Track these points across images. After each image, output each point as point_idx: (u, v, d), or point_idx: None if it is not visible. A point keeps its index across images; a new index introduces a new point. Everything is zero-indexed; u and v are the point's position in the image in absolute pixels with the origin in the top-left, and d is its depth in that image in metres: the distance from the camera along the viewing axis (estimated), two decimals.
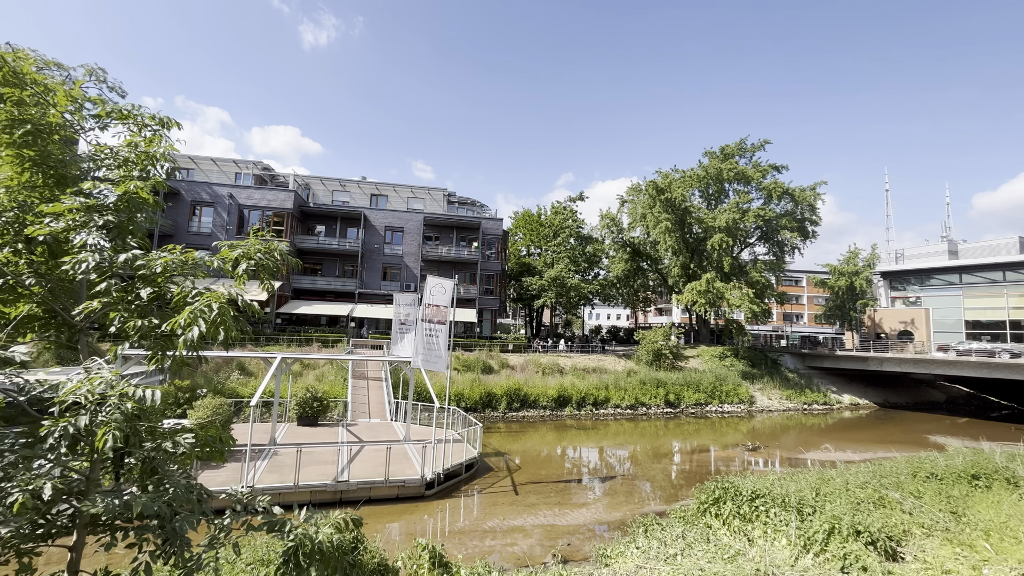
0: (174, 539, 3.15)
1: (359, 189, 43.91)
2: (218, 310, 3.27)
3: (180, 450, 3.50)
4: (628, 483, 17.95)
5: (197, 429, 3.66)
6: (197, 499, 3.41)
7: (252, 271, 3.87)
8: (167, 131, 4.11)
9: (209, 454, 3.70)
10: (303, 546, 3.18)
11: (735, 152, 45.66)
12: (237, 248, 3.85)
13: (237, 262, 3.82)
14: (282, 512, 3.46)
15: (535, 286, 42.67)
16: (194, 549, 3.26)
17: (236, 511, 3.41)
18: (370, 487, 13.90)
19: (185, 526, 3.14)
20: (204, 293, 3.37)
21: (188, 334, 3.12)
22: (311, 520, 3.41)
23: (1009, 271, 44.07)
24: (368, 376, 27.40)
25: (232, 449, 4.05)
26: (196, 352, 3.50)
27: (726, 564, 8.10)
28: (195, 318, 3.12)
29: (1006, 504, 10.55)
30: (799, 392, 37.21)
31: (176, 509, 3.26)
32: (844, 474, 12.54)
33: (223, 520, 3.35)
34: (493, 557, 11.03)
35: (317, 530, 3.30)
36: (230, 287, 3.52)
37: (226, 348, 3.55)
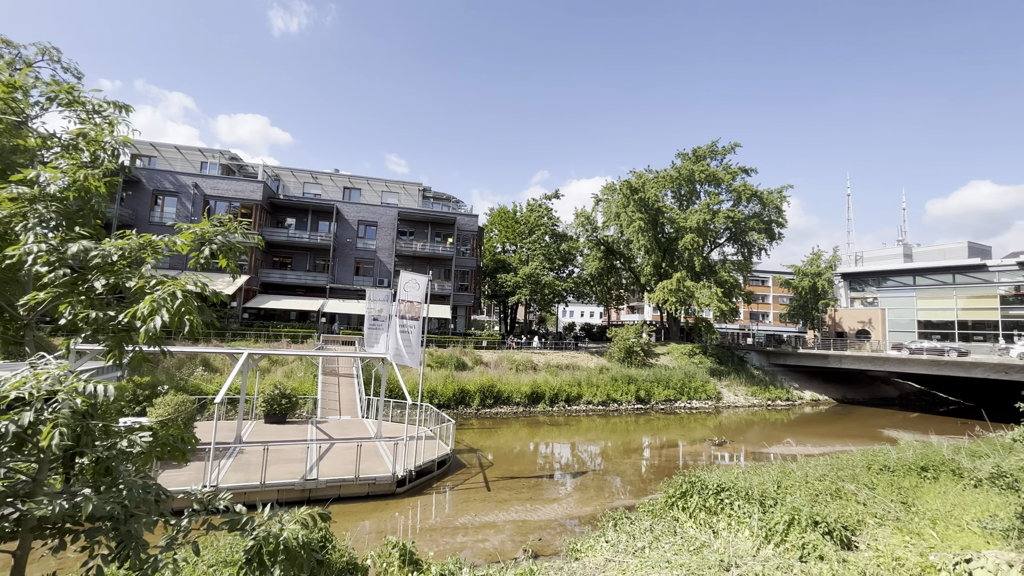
0: (129, 541, 3.02)
1: (331, 182, 42.99)
2: (182, 298, 3.13)
3: (137, 449, 3.35)
4: (599, 478, 18.21)
5: (156, 427, 3.52)
6: (155, 500, 3.27)
7: (214, 255, 3.70)
8: (125, 114, 3.89)
9: (169, 453, 3.56)
10: (267, 544, 3.09)
11: (707, 154, 46.71)
12: (196, 228, 3.67)
13: (201, 243, 3.65)
14: (245, 511, 3.36)
15: (510, 283, 42.72)
16: (151, 551, 3.13)
17: (195, 511, 3.29)
18: (340, 485, 13.67)
19: (141, 528, 3.01)
20: (166, 281, 3.21)
21: (150, 324, 2.97)
22: (276, 517, 3.32)
23: (958, 274, 46.64)
24: (339, 372, 26.93)
25: (195, 448, 3.91)
26: (159, 346, 3.35)
27: (692, 556, 8.32)
28: (157, 307, 2.98)
29: (951, 494, 11.18)
30: (764, 388, 38.47)
31: (132, 510, 3.13)
32: (804, 467, 13.03)
33: (181, 520, 3.23)
34: (464, 554, 11.02)
35: (282, 528, 3.21)
36: (195, 277, 3.37)
37: (193, 341, 3.42)
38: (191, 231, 3.67)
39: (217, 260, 3.78)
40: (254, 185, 35.15)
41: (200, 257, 3.65)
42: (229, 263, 3.94)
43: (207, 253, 3.61)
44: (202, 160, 39.03)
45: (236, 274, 4.18)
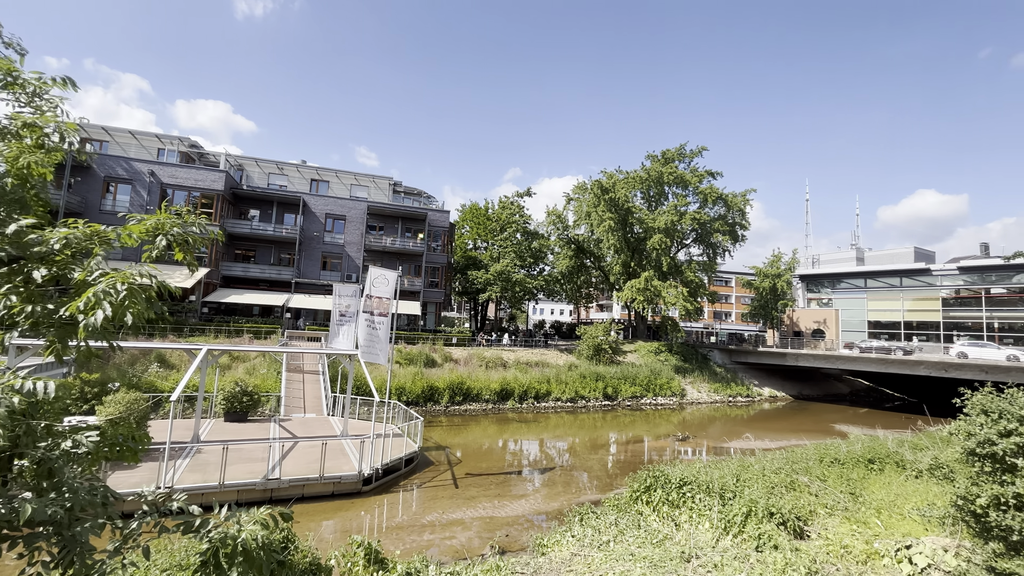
0: (73, 546, 2.85)
1: (298, 173, 41.77)
2: (127, 291, 2.96)
3: (83, 450, 3.16)
4: (566, 474, 18.42)
5: (105, 427, 3.33)
6: (102, 502, 3.10)
7: (170, 246, 3.51)
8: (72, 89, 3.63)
9: (120, 454, 3.38)
10: (223, 547, 2.98)
11: (675, 157, 47.75)
12: (150, 220, 3.48)
13: (156, 235, 3.46)
14: (201, 512, 3.23)
15: (481, 280, 42.62)
16: (97, 556, 2.97)
17: (146, 512, 3.14)
18: (303, 484, 13.36)
19: (86, 532, 2.85)
20: (110, 273, 3.03)
21: (91, 319, 2.79)
22: (234, 518, 3.20)
23: (905, 278, 49.41)
24: (304, 369, 26.25)
25: (149, 448, 3.73)
26: (106, 341, 3.16)
27: (654, 548, 8.53)
28: (98, 300, 2.80)
29: (895, 485, 11.86)
30: (725, 385, 39.76)
31: (76, 514, 2.96)
32: (761, 461, 13.54)
33: (131, 523, 3.07)
34: (431, 551, 10.95)
35: (240, 529, 3.10)
36: (145, 268, 3.19)
37: (147, 336, 3.25)
38: (145, 222, 3.49)
39: (173, 253, 3.60)
40: (216, 174, 33.80)
41: (155, 250, 3.47)
42: (186, 256, 3.77)
43: (163, 245, 3.43)
44: (159, 147, 37.21)
45: (194, 267, 4.00)
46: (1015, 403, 5.34)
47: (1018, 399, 5.42)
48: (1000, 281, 43.62)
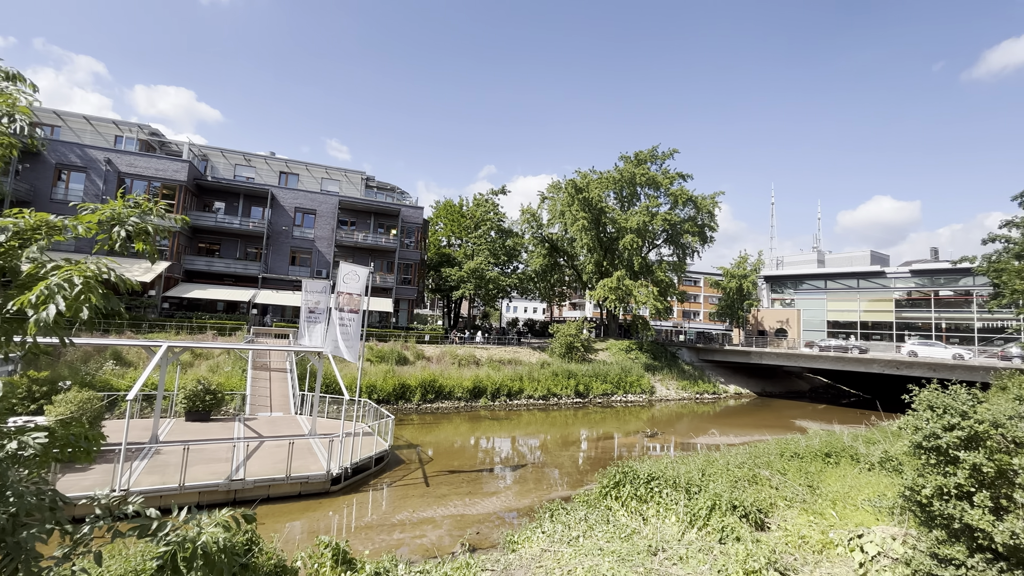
0: (18, 553, 2.71)
1: (266, 165, 40.55)
2: (82, 285, 2.81)
3: (29, 451, 3.00)
4: (538, 471, 18.55)
5: (55, 427, 3.17)
6: (50, 507, 2.95)
7: (129, 237, 3.34)
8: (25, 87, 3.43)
9: (72, 454, 3.22)
10: (182, 550, 2.87)
11: (647, 158, 48.57)
12: (106, 209, 3.31)
13: (112, 225, 3.29)
14: (158, 515, 3.11)
15: (454, 277, 42.40)
16: (44, 563, 2.83)
17: (99, 516, 3.00)
18: (269, 485, 13.02)
19: (32, 538, 2.70)
20: (63, 266, 2.88)
21: (42, 314, 2.64)
22: (193, 521, 3.09)
23: (862, 279, 51.74)
24: (271, 367, 25.57)
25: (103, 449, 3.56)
26: (57, 337, 3.00)
27: (623, 542, 8.69)
28: (51, 294, 2.66)
29: (849, 477, 12.42)
30: (693, 383, 40.78)
31: (22, 519, 2.80)
32: (726, 456, 13.96)
33: (82, 528, 2.93)
34: (401, 550, 10.87)
35: (200, 531, 2.99)
36: (100, 261, 3.03)
37: (102, 332, 3.09)
38: (101, 211, 3.32)
39: (133, 244, 3.44)
40: (178, 164, 32.47)
41: (111, 241, 3.30)
42: (146, 247, 3.61)
43: (121, 235, 3.26)
44: (117, 134, 35.48)
45: (154, 259, 3.84)
46: (958, 399, 5.67)
47: (960, 395, 5.76)
48: (948, 284, 46.19)
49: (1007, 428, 5.50)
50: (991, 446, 5.40)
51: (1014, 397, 6.18)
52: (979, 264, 32.28)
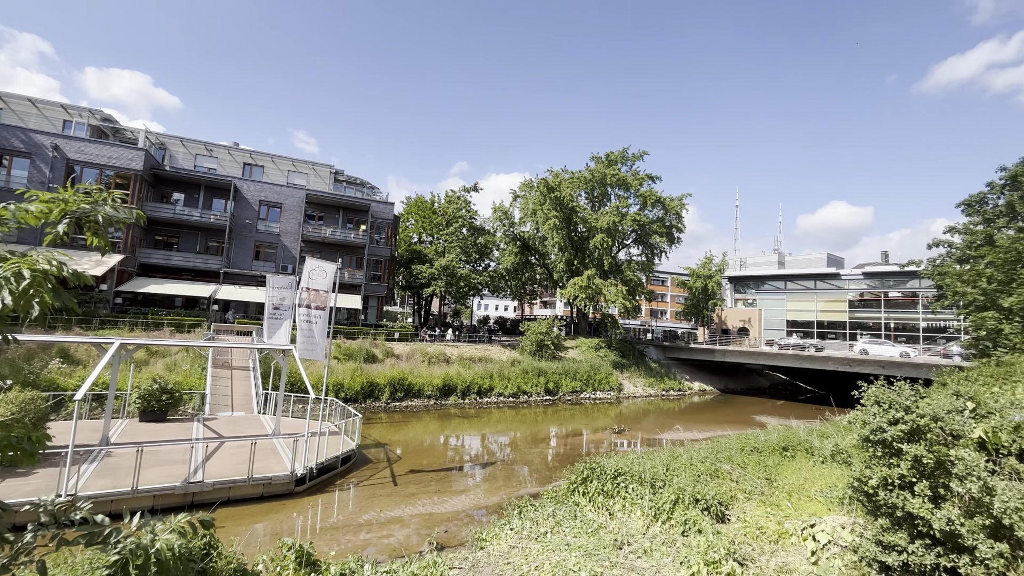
0: None
1: (229, 156, 39.09)
2: (30, 278, 2.65)
3: None
4: (507, 468, 18.63)
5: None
6: None
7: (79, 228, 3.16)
8: None
9: (13, 458, 3.03)
10: (134, 558, 2.75)
11: (618, 159, 49.31)
12: (54, 196, 3.12)
13: (62, 215, 3.10)
14: (109, 521, 2.96)
15: (425, 274, 42.02)
16: None
17: (43, 524, 2.83)
18: (229, 487, 12.61)
19: None
20: (9, 259, 2.71)
21: None
22: (147, 527, 2.97)
23: (818, 281, 54.08)
24: (232, 365, 24.73)
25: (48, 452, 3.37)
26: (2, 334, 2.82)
27: (589, 537, 8.84)
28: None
29: (804, 470, 12.98)
30: (660, 380, 41.76)
31: None
32: (689, 451, 14.37)
33: (24, 536, 2.76)
34: (368, 551, 10.73)
35: (154, 538, 2.87)
36: (49, 254, 2.86)
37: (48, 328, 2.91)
38: (48, 199, 3.13)
39: (83, 236, 3.26)
40: (133, 152, 30.93)
41: (60, 231, 3.12)
42: (98, 239, 3.43)
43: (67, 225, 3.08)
44: (66, 118, 33.48)
45: (106, 251, 3.65)
46: (902, 395, 6.02)
47: (905, 392, 6.12)
48: (896, 286, 48.83)
49: (945, 422, 5.87)
50: (931, 438, 5.76)
51: (952, 393, 6.61)
52: (924, 267, 34.24)
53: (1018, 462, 5.58)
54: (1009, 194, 31.69)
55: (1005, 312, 21.28)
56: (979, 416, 6.05)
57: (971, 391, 6.66)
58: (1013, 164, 31.90)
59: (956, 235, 33.46)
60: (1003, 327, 21.12)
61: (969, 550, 5.19)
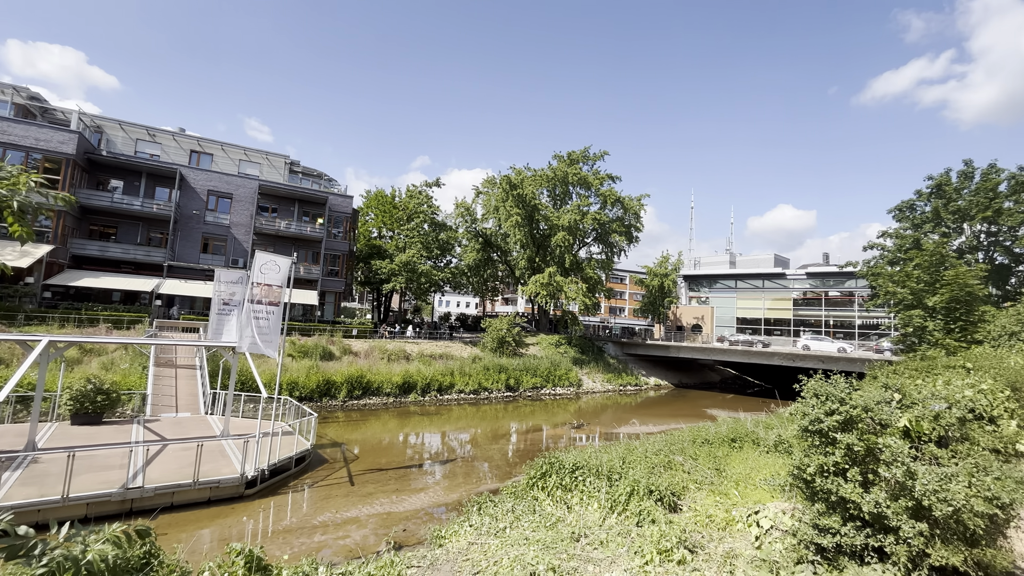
0: None
1: (174, 142, 36.90)
2: None
3: None
4: (467, 465, 18.60)
5: None
6: None
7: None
8: None
9: None
10: (62, 572, 2.57)
11: (580, 158, 50.00)
12: None
13: None
14: (34, 533, 2.76)
15: (385, 270, 41.22)
16: None
17: None
18: (173, 492, 11.96)
19: None
20: None
21: None
22: (78, 537, 2.78)
23: (766, 280, 56.86)
24: (177, 364, 23.44)
25: None
26: None
27: (547, 531, 8.97)
28: None
29: (750, 460, 13.66)
30: (618, 375, 42.79)
31: None
32: (645, 444, 14.80)
33: None
34: (324, 552, 10.47)
35: (86, 548, 2.69)
36: None
37: None
38: None
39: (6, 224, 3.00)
40: (65, 135, 28.67)
41: None
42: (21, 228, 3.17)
43: None
44: None
45: (25, 242, 3.38)
46: (837, 388, 6.44)
47: (840, 384, 6.54)
48: (835, 286, 52.05)
49: (875, 412, 6.33)
50: (862, 428, 6.20)
51: (882, 385, 7.13)
52: (860, 269, 36.72)
53: (937, 448, 6.08)
54: (934, 201, 34.42)
55: (929, 310, 23.10)
56: (904, 406, 6.55)
57: (898, 383, 7.20)
58: (938, 174, 34.67)
59: (888, 239, 36.02)
60: (927, 324, 22.94)
61: (894, 530, 5.62)
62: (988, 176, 32.44)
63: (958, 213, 32.81)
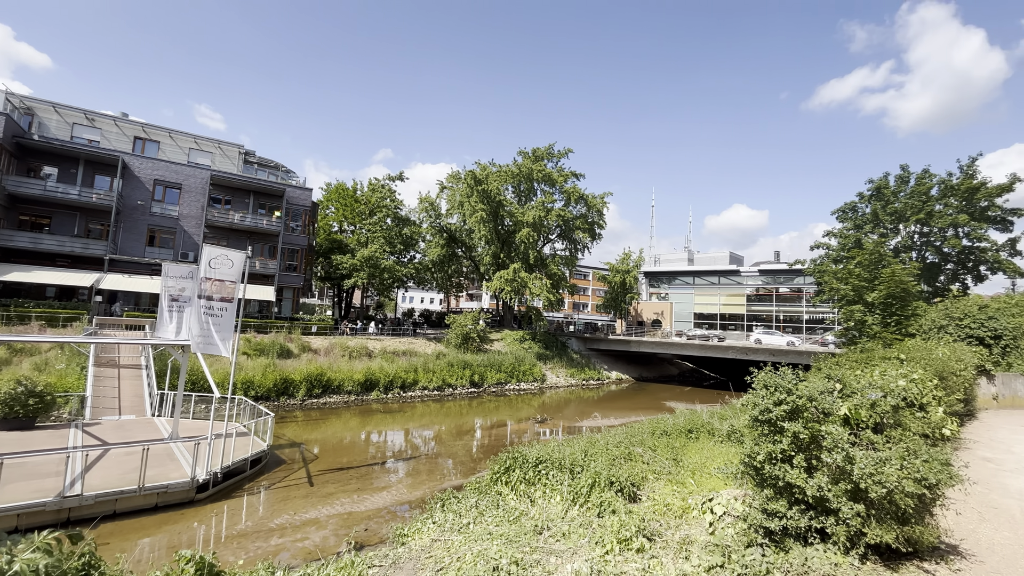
0: None
1: (116, 128, 34.64)
2: None
3: None
4: (431, 461, 18.48)
5: None
6: None
7: None
8: None
9: None
10: None
11: (544, 156, 50.33)
12: None
13: None
14: None
15: (346, 265, 40.22)
16: None
17: None
18: (116, 498, 11.31)
19: None
20: None
21: None
22: (2, 548, 2.59)
23: (722, 277, 59.06)
24: (120, 363, 22.13)
25: None
26: None
27: (511, 525, 9.04)
28: None
29: (706, 449, 14.21)
30: (580, 370, 43.50)
31: None
32: (606, 437, 15.12)
33: None
34: (281, 556, 10.18)
35: (12, 559, 2.52)
36: None
37: None
38: None
39: None
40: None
41: None
42: None
43: None
44: None
45: None
46: (785, 379, 6.79)
47: (787, 376, 6.89)
48: (785, 282, 54.69)
49: (818, 401, 6.71)
50: (807, 416, 6.56)
51: (825, 376, 7.57)
52: (808, 266, 38.72)
53: (874, 434, 6.51)
54: (874, 204, 36.69)
55: (869, 306, 24.64)
56: (845, 396, 6.97)
57: (839, 374, 7.66)
58: (877, 179, 36.97)
59: (832, 238, 38.14)
60: (867, 319, 24.47)
61: (834, 512, 5.99)
62: (922, 181, 34.86)
63: (895, 215, 35.12)
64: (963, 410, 15.67)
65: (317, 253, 43.85)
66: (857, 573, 5.74)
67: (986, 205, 32.70)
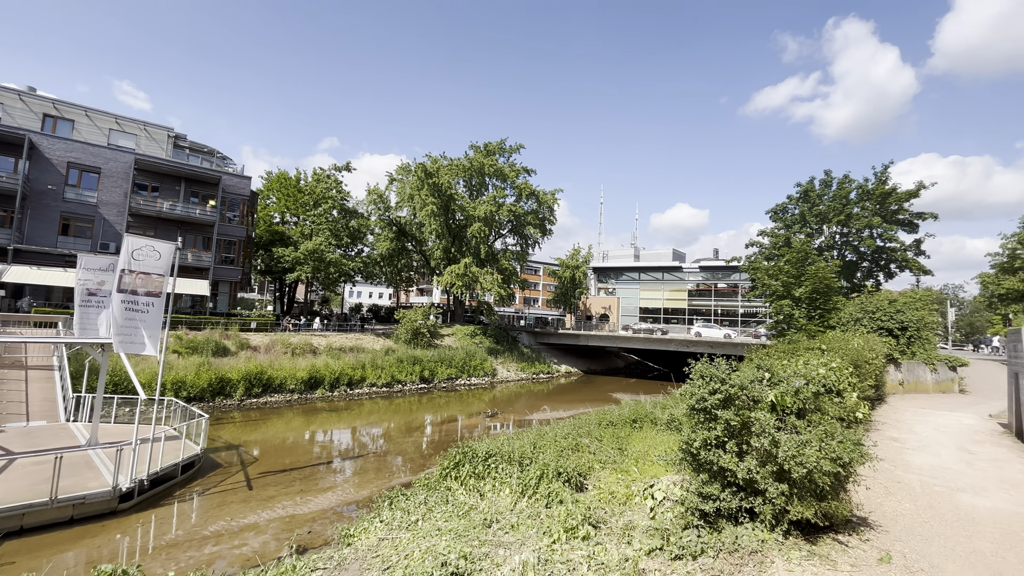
0: None
1: (22, 104, 31.22)
2: None
3: None
4: (379, 459, 18.12)
5: None
6: None
7: None
8: None
9: None
10: None
11: (496, 150, 50.23)
12: None
13: None
14: None
15: (289, 258, 38.46)
16: None
17: None
18: (23, 512, 10.29)
19: None
20: None
21: None
22: None
23: (665, 273, 61.53)
24: (28, 365, 20.10)
25: None
26: None
27: (460, 520, 9.05)
28: None
29: (649, 438, 14.80)
30: (531, 364, 44.04)
31: None
32: (555, 429, 15.40)
33: None
34: (217, 564, 9.66)
35: None
36: None
37: None
38: None
39: None
40: None
41: None
42: None
43: None
44: None
45: None
46: (720, 370, 7.20)
47: (722, 367, 7.31)
48: (723, 278, 57.79)
49: (749, 390, 7.17)
50: (739, 404, 7.00)
51: (756, 366, 8.10)
52: (743, 263, 41.07)
53: (797, 419, 7.04)
54: (802, 205, 39.44)
55: (796, 300, 26.51)
56: (773, 384, 7.48)
57: (768, 364, 8.21)
58: (805, 182, 39.76)
59: (765, 237, 40.66)
60: (794, 312, 26.32)
61: (762, 492, 6.44)
62: (843, 185, 37.85)
63: (819, 216, 37.94)
64: (874, 395, 17.23)
65: (257, 245, 41.63)
66: (781, 547, 6.20)
67: (896, 209, 35.99)
